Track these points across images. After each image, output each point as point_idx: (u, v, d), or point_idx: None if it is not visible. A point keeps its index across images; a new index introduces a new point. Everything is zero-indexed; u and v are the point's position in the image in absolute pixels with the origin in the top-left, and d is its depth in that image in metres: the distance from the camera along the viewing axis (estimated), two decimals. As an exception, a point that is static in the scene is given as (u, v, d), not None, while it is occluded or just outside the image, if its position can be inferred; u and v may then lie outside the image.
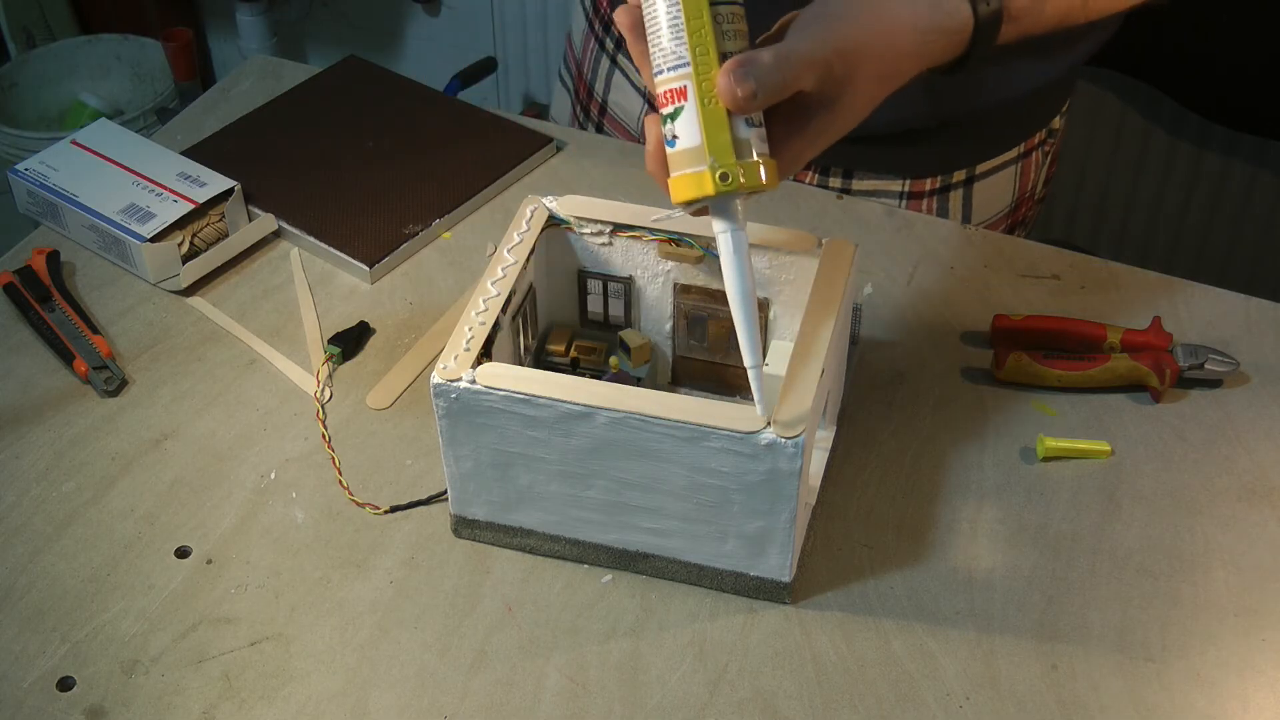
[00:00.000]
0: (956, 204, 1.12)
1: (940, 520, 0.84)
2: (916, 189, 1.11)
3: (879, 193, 1.11)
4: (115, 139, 1.08)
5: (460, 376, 0.75)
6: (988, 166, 1.12)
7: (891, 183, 1.10)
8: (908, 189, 1.11)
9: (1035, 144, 1.14)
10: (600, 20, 1.18)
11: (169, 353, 0.96)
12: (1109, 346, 0.93)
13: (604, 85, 1.19)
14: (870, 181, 1.11)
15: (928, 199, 1.11)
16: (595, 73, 1.20)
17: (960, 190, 1.12)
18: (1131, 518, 0.84)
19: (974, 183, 1.12)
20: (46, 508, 0.85)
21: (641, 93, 1.16)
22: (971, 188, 1.12)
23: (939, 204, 1.12)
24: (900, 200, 1.11)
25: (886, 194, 1.11)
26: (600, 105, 1.21)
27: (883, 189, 1.11)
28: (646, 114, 1.15)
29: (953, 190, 1.12)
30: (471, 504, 0.81)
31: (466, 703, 0.75)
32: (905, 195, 1.11)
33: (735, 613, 0.79)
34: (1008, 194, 1.15)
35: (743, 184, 0.66)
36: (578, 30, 1.23)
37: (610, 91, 1.19)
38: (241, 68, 1.25)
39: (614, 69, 1.18)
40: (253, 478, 0.87)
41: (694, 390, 0.91)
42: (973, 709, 0.75)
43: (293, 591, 0.81)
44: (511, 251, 0.83)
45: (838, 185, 1.11)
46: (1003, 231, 1.16)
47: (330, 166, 1.10)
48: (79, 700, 0.75)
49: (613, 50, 1.18)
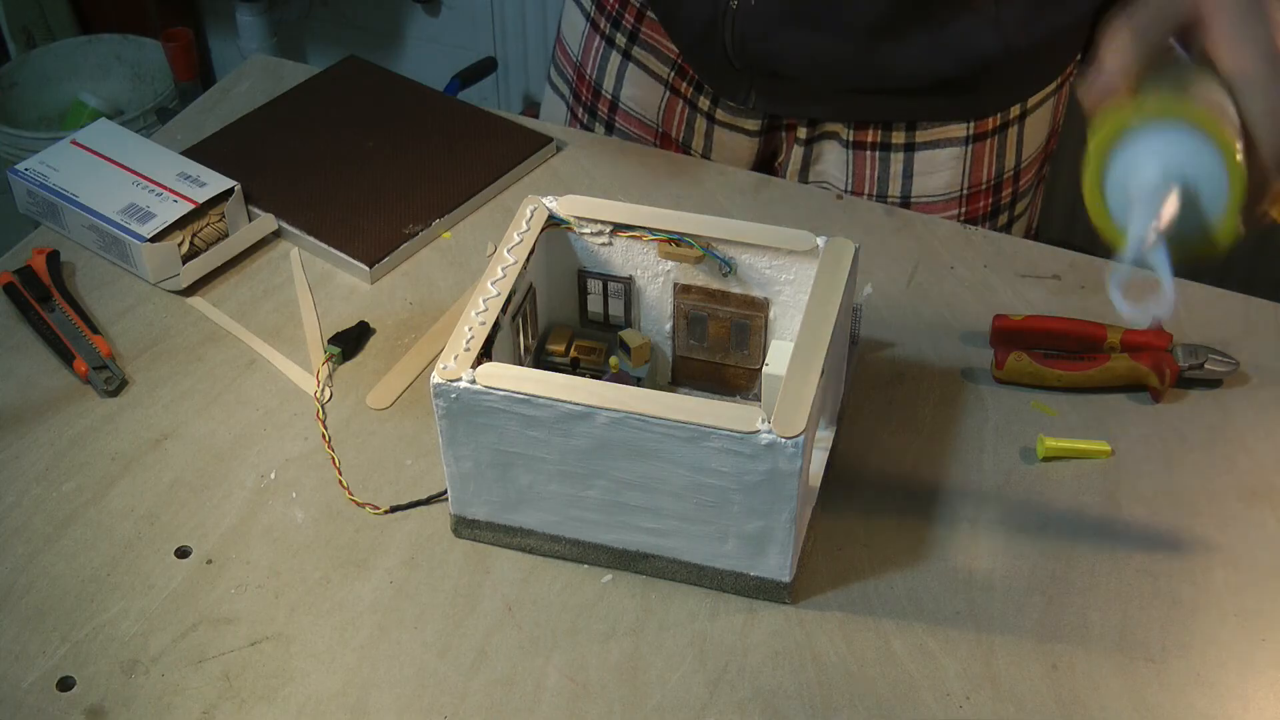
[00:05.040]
0: (1013, 140, 1.13)
1: (940, 520, 0.84)
2: (980, 130, 1.11)
3: (943, 141, 1.11)
4: (115, 139, 1.08)
5: (460, 376, 0.75)
6: (1037, 99, 1.13)
7: (956, 129, 1.11)
8: (972, 131, 1.11)
9: (1068, 74, 1.15)
10: (607, 17, 1.18)
11: (169, 353, 0.96)
12: (1109, 346, 0.93)
13: (615, 81, 1.19)
14: (935, 130, 1.11)
15: (991, 139, 1.12)
16: (603, 70, 1.20)
17: (1016, 126, 1.13)
18: (1131, 518, 0.84)
19: (1026, 117, 1.13)
20: (46, 508, 0.85)
21: (662, 81, 1.16)
22: (1024, 123, 1.13)
23: (1000, 142, 1.12)
24: (966, 145, 1.11)
25: (953, 141, 1.11)
26: (610, 102, 1.21)
27: (947, 136, 1.11)
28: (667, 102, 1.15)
29: (1010, 126, 1.13)
30: (471, 504, 0.81)
31: (466, 703, 0.75)
32: (970, 139, 1.11)
33: (735, 613, 0.79)
34: (1047, 126, 1.17)
35: None
36: (573, 32, 1.22)
37: (623, 86, 1.19)
38: (241, 68, 1.25)
39: (627, 63, 1.18)
40: (253, 478, 0.87)
41: (694, 390, 0.91)
42: (973, 709, 0.75)
43: (293, 591, 0.81)
44: (511, 251, 0.83)
45: (901, 140, 1.11)
46: (1039, 163, 1.18)
47: (330, 166, 1.10)
48: (79, 700, 0.75)
49: (625, 44, 1.17)
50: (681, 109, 1.17)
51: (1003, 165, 1.14)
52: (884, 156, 1.12)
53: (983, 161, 1.13)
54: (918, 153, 1.11)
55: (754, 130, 1.15)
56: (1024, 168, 1.16)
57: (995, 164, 1.14)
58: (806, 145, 1.15)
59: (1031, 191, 1.20)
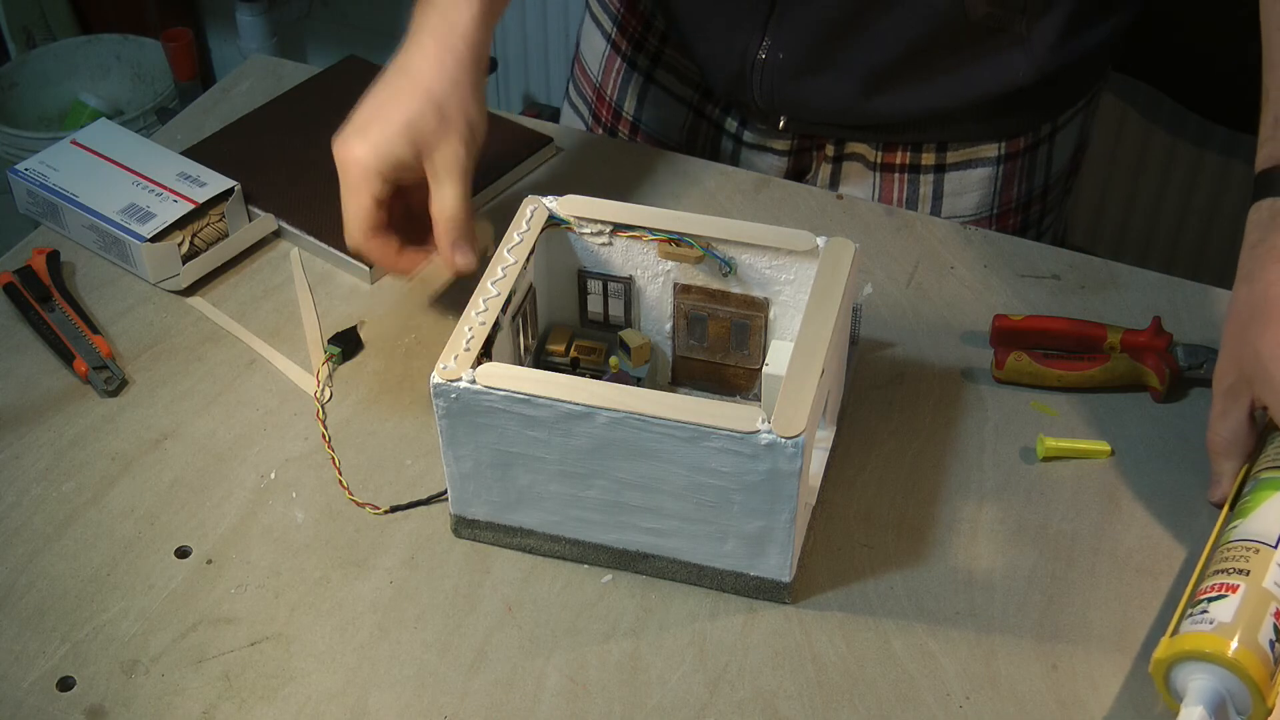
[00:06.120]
0: (1043, 157, 1.13)
1: (940, 520, 0.84)
2: (1012, 149, 1.11)
3: (975, 161, 1.10)
4: (115, 139, 1.08)
5: (460, 376, 0.75)
6: (1068, 114, 1.13)
7: (987, 149, 1.10)
8: (1004, 151, 1.11)
9: (1097, 89, 1.16)
10: (629, 39, 1.17)
11: (169, 353, 0.96)
12: (1109, 346, 0.93)
13: (636, 103, 1.19)
14: (966, 151, 1.10)
15: (1022, 158, 1.12)
16: (624, 92, 1.19)
17: (1046, 144, 1.13)
18: (1131, 518, 0.84)
19: (1056, 134, 1.13)
20: (46, 508, 0.85)
21: (686, 103, 1.16)
22: (1054, 139, 1.13)
23: (1030, 161, 1.12)
24: (997, 165, 1.11)
25: (984, 161, 1.10)
26: (631, 123, 1.20)
27: (978, 157, 1.10)
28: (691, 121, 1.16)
29: (1041, 145, 1.12)
30: (471, 504, 0.81)
31: (466, 703, 0.75)
32: (1001, 159, 1.11)
33: (735, 613, 0.79)
34: (1075, 140, 1.17)
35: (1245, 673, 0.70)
36: (592, 53, 1.22)
37: (644, 108, 1.19)
38: (241, 68, 1.25)
39: (649, 85, 1.17)
40: (253, 478, 0.87)
41: (694, 390, 0.91)
42: (973, 709, 0.75)
43: (293, 591, 0.81)
44: (511, 251, 0.83)
45: (931, 162, 1.11)
46: (1068, 176, 1.19)
47: (330, 166, 1.09)
48: (79, 700, 0.75)
49: (647, 67, 1.17)
50: (706, 130, 1.17)
51: (1033, 183, 1.14)
52: (913, 178, 1.11)
53: (1013, 180, 1.12)
54: (948, 173, 1.11)
55: (783, 150, 1.14)
56: (1053, 183, 1.16)
57: (1026, 182, 1.13)
58: (834, 163, 1.14)
59: (1059, 205, 1.19)
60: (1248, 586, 0.72)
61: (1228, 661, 0.69)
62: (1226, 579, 0.73)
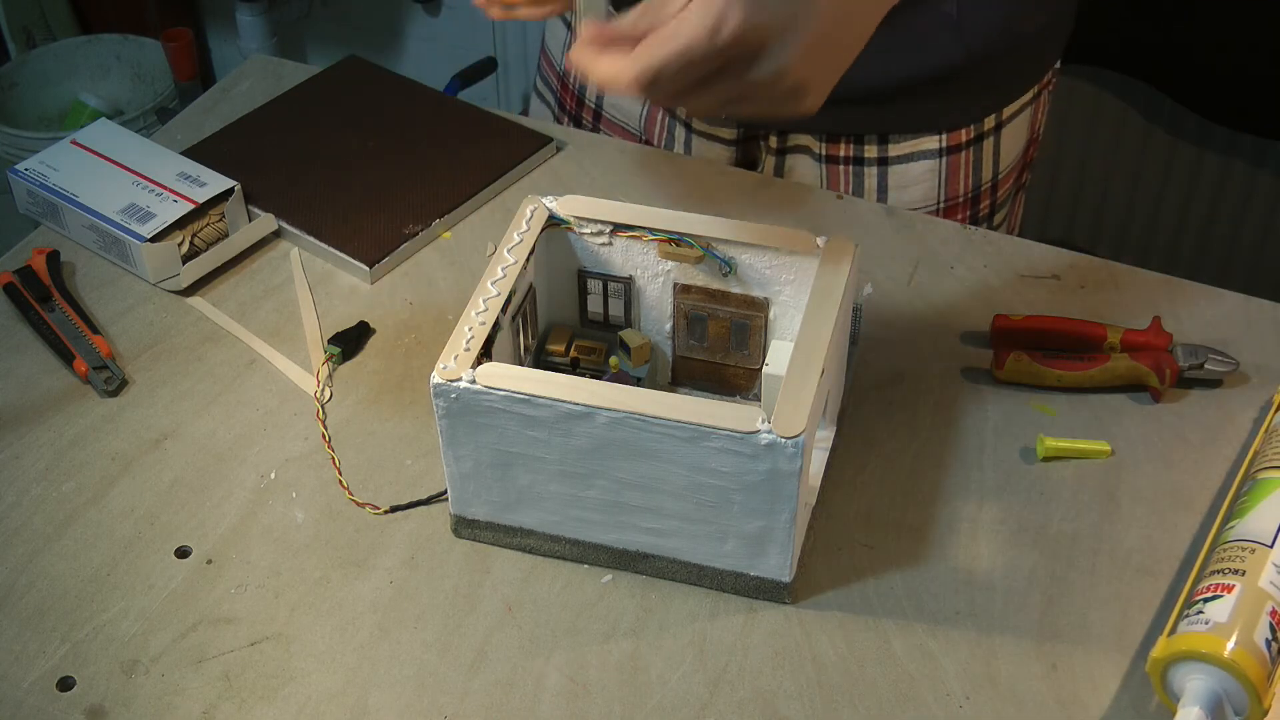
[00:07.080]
0: (989, 152, 1.13)
1: (940, 520, 0.84)
2: (954, 141, 1.11)
3: (918, 154, 1.11)
4: (115, 139, 1.08)
5: (460, 376, 0.75)
6: (1013, 109, 1.13)
7: (929, 140, 1.11)
8: (945, 144, 1.11)
9: (1045, 84, 1.15)
10: None
11: (169, 353, 0.96)
12: (1109, 346, 0.93)
13: (595, 90, 1.19)
14: (908, 143, 1.11)
15: (965, 151, 1.12)
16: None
17: (991, 138, 1.13)
18: (1131, 518, 0.84)
19: (1002, 129, 1.13)
20: (46, 508, 0.85)
21: None
22: (1000, 134, 1.13)
23: (975, 155, 1.13)
24: (940, 157, 1.11)
25: (926, 154, 1.11)
26: (594, 110, 1.21)
27: (920, 150, 1.11)
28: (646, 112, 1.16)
29: (986, 139, 1.13)
30: (471, 504, 0.81)
31: (466, 703, 0.75)
32: (944, 151, 1.11)
33: (735, 613, 0.79)
34: (1025, 135, 1.17)
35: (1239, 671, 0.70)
36: (556, 42, 1.23)
37: (605, 96, 1.19)
38: (241, 68, 1.25)
39: None
40: (253, 478, 0.87)
41: (694, 390, 0.91)
42: (973, 709, 0.75)
43: (293, 591, 0.81)
44: (511, 251, 0.83)
45: (874, 154, 1.11)
46: (1018, 172, 1.19)
47: (330, 166, 1.10)
48: (79, 700, 0.75)
49: None
50: (662, 117, 1.18)
51: (979, 177, 1.14)
52: (858, 171, 1.12)
53: (958, 174, 1.13)
54: (891, 166, 1.11)
55: (730, 139, 1.16)
56: (1001, 179, 1.16)
57: (972, 176, 1.14)
58: (779, 155, 1.15)
59: (1010, 201, 1.20)
60: (1244, 586, 0.72)
61: (1224, 662, 0.69)
62: (1223, 579, 0.73)
